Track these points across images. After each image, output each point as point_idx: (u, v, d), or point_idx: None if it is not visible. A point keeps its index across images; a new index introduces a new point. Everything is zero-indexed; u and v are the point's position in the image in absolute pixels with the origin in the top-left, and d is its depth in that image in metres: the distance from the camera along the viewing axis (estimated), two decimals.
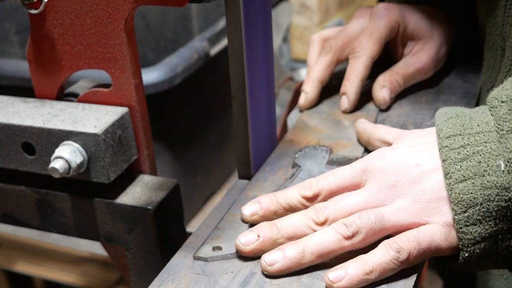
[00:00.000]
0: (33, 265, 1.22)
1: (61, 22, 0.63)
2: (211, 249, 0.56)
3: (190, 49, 1.00)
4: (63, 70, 0.66)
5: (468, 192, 0.50)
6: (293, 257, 0.52)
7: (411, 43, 0.78)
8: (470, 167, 0.50)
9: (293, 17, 2.07)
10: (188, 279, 0.54)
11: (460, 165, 0.50)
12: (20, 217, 0.70)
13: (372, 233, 0.52)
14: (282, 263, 0.52)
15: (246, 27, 0.60)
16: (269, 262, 0.53)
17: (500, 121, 0.51)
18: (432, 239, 0.51)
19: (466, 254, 0.51)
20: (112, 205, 0.65)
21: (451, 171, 0.51)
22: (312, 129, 0.73)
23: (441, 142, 0.52)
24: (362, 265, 0.51)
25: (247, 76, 0.62)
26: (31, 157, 0.64)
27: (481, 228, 0.50)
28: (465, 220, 0.50)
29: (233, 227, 0.59)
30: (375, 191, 0.54)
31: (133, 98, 0.65)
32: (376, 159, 0.56)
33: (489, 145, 0.50)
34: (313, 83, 0.76)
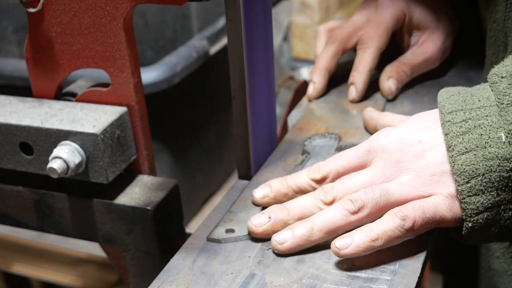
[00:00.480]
0: (31, 266, 1.22)
1: (59, 21, 0.63)
2: (224, 231, 0.59)
3: (190, 48, 1.00)
4: (61, 69, 0.66)
5: (470, 163, 0.52)
6: (302, 235, 0.55)
7: (417, 33, 0.80)
8: (472, 140, 0.52)
9: (293, 15, 2.07)
10: (188, 280, 0.54)
11: (462, 138, 0.52)
12: (18, 218, 0.70)
13: (377, 208, 0.54)
14: (292, 241, 0.55)
15: (246, 25, 0.60)
16: (279, 241, 0.55)
17: (500, 95, 0.53)
18: (436, 208, 0.53)
19: (470, 224, 0.53)
20: (111, 206, 0.65)
21: (453, 144, 0.53)
22: (321, 118, 0.75)
23: (444, 117, 0.54)
24: (368, 233, 0.53)
25: (247, 76, 0.62)
26: (29, 157, 0.64)
27: (483, 198, 0.52)
28: (468, 190, 0.52)
29: (245, 210, 0.61)
30: (380, 169, 0.56)
31: (132, 97, 0.65)
32: (380, 139, 0.58)
33: (490, 118, 0.52)
34: (321, 73, 0.79)
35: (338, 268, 0.54)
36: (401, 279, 0.52)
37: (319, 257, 0.55)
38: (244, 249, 0.57)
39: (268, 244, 0.57)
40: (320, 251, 0.56)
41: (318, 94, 0.79)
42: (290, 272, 0.54)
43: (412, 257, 0.54)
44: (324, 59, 0.78)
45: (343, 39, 0.78)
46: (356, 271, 0.53)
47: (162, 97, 0.95)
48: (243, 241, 0.58)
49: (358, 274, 0.53)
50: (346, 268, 0.54)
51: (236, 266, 0.55)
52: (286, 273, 0.54)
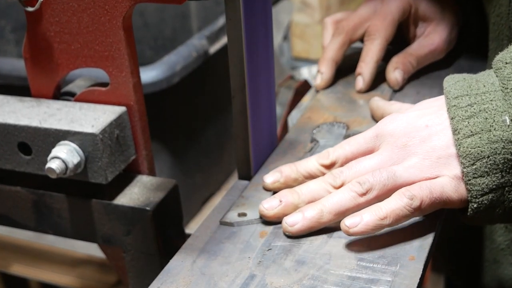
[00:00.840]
0: (29, 267, 1.22)
1: (57, 20, 0.63)
2: (237, 215, 0.61)
3: (189, 47, 1.00)
4: (59, 69, 0.66)
5: (475, 146, 0.53)
6: (312, 217, 0.57)
7: (423, 25, 0.82)
8: (477, 123, 0.54)
9: (293, 14, 2.07)
10: (187, 281, 0.54)
11: (467, 121, 0.54)
12: (16, 218, 0.70)
13: (385, 189, 0.56)
14: (302, 223, 0.57)
15: (246, 25, 0.60)
16: (290, 223, 0.57)
17: (504, 80, 0.55)
18: (443, 189, 0.55)
19: (475, 205, 0.55)
20: (110, 206, 0.65)
21: (459, 127, 0.55)
22: (328, 107, 0.77)
23: (449, 102, 0.56)
24: (377, 211, 0.55)
25: (247, 75, 0.62)
26: (27, 157, 0.64)
27: (488, 179, 0.54)
28: (473, 172, 0.54)
29: (256, 195, 0.63)
30: (388, 153, 0.58)
31: (131, 97, 0.65)
32: (387, 124, 0.60)
33: (495, 102, 0.54)
34: (328, 63, 0.80)
35: (348, 251, 0.55)
36: (402, 280, 0.52)
37: (320, 258, 0.55)
38: (244, 250, 0.57)
39: (268, 245, 0.57)
40: (320, 252, 0.56)
41: (325, 84, 0.81)
42: (291, 273, 0.54)
43: (413, 258, 0.54)
44: (331, 50, 0.80)
45: (350, 31, 0.80)
46: (358, 271, 0.53)
47: (161, 96, 0.95)
48: (254, 224, 0.60)
49: (359, 275, 0.53)
50: (356, 250, 0.55)
51: (236, 267, 0.55)
52: (287, 274, 0.54)
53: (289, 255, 0.56)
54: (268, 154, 0.70)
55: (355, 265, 0.54)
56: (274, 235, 0.58)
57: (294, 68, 2.11)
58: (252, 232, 0.59)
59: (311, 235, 0.58)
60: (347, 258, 0.55)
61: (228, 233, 0.59)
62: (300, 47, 2.11)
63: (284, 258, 0.56)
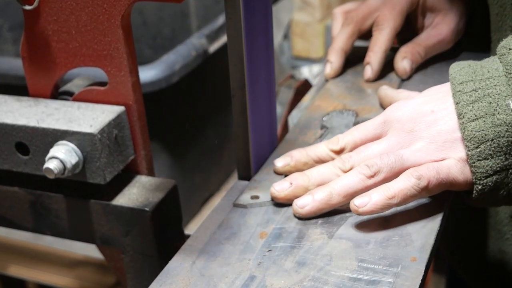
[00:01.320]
0: (27, 268, 1.22)
1: (55, 19, 0.63)
2: (249, 198, 0.63)
3: (188, 46, 1.00)
4: (57, 68, 0.66)
5: (480, 130, 0.55)
6: (321, 199, 0.59)
7: (431, 15, 0.83)
8: (482, 107, 0.56)
9: (294, 13, 2.07)
10: (187, 283, 0.54)
11: (472, 106, 0.56)
12: (14, 219, 0.70)
13: (392, 172, 0.58)
14: (312, 205, 0.59)
15: (246, 23, 0.60)
16: (300, 205, 0.59)
17: (508, 66, 0.56)
18: (449, 170, 0.57)
19: (479, 187, 0.57)
20: (108, 207, 0.65)
21: (464, 111, 0.56)
22: (338, 96, 0.79)
23: (455, 88, 0.58)
24: (385, 191, 0.57)
25: (247, 74, 0.62)
26: (25, 158, 0.64)
27: (492, 162, 0.56)
28: (477, 155, 0.56)
29: (268, 179, 0.65)
30: (395, 138, 0.60)
31: (129, 96, 0.65)
32: (394, 111, 0.62)
33: (499, 87, 0.56)
34: (337, 53, 0.82)
35: (349, 252, 0.56)
36: (404, 281, 0.52)
37: (320, 259, 0.55)
38: (244, 251, 0.57)
39: (268, 246, 0.57)
40: (321, 253, 0.56)
41: (335, 73, 0.83)
42: (291, 274, 0.54)
43: (415, 259, 0.54)
44: (340, 40, 0.82)
45: (359, 21, 0.82)
46: (359, 273, 0.53)
47: (160, 96, 0.95)
48: (266, 206, 0.61)
49: (360, 276, 0.53)
50: (357, 251, 0.56)
51: (235, 268, 0.55)
52: (287, 276, 0.54)
53: (289, 256, 0.56)
54: (268, 154, 0.69)
55: (356, 266, 0.54)
56: (274, 236, 0.58)
57: (294, 67, 2.11)
58: (252, 233, 0.59)
59: (311, 236, 0.58)
60: (348, 259, 0.55)
61: (228, 234, 0.59)
62: (301, 46, 2.11)
63: (284, 259, 0.56)
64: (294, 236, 0.58)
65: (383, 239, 0.57)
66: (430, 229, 0.57)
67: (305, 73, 2.10)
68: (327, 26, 2.07)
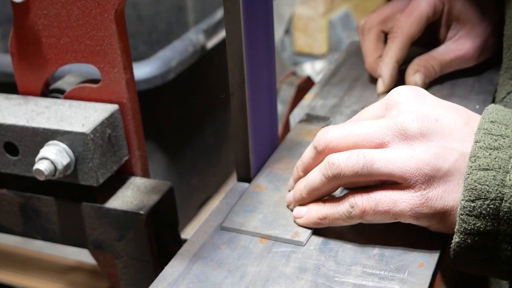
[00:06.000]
0: (16, 274, 1.23)
1: (46, 13, 0.63)
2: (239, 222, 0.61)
3: (185, 41, 1.00)
4: (48, 65, 0.66)
5: (484, 183, 0.50)
6: (296, 198, 0.60)
7: (456, 26, 0.78)
8: (498, 159, 0.51)
9: (296, 7, 2.07)
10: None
11: (490, 152, 0.51)
12: (2, 223, 0.70)
13: (357, 176, 0.55)
14: (293, 205, 0.61)
15: (245, 18, 0.60)
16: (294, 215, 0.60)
17: None
18: (395, 205, 0.54)
19: (457, 239, 0.52)
20: (101, 210, 0.65)
21: (478, 155, 0.51)
22: None
23: (482, 124, 0.53)
24: (320, 210, 0.58)
25: (247, 71, 0.62)
26: (14, 158, 0.64)
27: (481, 223, 0.51)
28: (470, 209, 0.51)
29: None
30: (384, 128, 0.55)
31: (123, 94, 0.65)
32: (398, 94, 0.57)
33: None
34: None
35: (354, 257, 0.56)
36: (411, 287, 0.52)
37: (323, 265, 0.55)
38: (243, 256, 0.57)
39: (268, 251, 0.57)
40: (324, 258, 0.56)
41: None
42: (293, 280, 0.54)
43: (422, 264, 0.54)
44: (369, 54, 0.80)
45: (380, 23, 0.79)
46: (364, 279, 0.53)
47: (156, 94, 0.95)
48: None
49: (365, 282, 0.53)
50: (362, 256, 0.56)
51: (234, 273, 0.55)
52: (289, 282, 0.54)
53: (291, 261, 0.56)
54: (269, 155, 0.70)
55: (361, 272, 0.54)
56: (274, 240, 0.58)
57: (296, 63, 2.12)
58: (251, 237, 0.59)
59: (313, 241, 0.58)
60: (352, 264, 0.55)
61: (226, 239, 0.59)
62: (303, 42, 2.11)
63: (285, 264, 0.56)
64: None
65: (389, 244, 0.57)
66: (438, 234, 0.57)
67: (307, 70, 2.11)
68: (330, 21, 2.07)
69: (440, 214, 0.54)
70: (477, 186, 0.51)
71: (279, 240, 0.58)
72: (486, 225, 0.51)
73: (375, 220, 0.56)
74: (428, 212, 0.54)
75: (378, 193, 0.55)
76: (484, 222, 0.51)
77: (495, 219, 0.51)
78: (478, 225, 0.51)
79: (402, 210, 0.54)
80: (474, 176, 0.51)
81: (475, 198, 0.51)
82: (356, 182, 0.56)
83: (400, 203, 0.54)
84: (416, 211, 0.54)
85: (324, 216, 0.57)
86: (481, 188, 0.50)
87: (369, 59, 0.79)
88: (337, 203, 0.57)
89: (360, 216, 0.55)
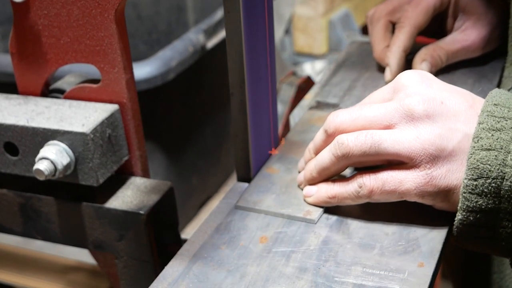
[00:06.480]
0: (16, 274, 1.23)
1: (46, 13, 0.63)
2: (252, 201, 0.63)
3: (185, 41, 1.00)
4: (48, 65, 0.66)
5: (486, 163, 0.53)
6: (307, 178, 0.62)
7: (463, 17, 0.80)
8: (500, 140, 0.53)
9: (296, 7, 2.07)
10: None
11: (492, 133, 0.53)
12: (2, 223, 0.70)
13: (365, 157, 0.57)
14: (304, 184, 0.63)
15: (245, 18, 0.60)
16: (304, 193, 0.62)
17: None
18: (401, 184, 0.56)
19: (460, 217, 0.54)
20: (101, 210, 0.65)
21: (480, 135, 0.53)
22: None
23: (485, 107, 0.55)
24: (329, 189, 0.60)
25: (247, 71, 0.62)
26: (14, 158, 0.64)
27: (483, 200, 0.53)
28: (472, 187, 0.53)
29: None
30: (392, 110, 0.57)
31: (123, 94, 0.65)
32: (405, 78, 0.59)
33: None
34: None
35: (354, 257, 0.56)
36: (411, 287, 0.52)
37: (323, 265, 0.55)
38: (243, 256, 0.57)
39: (268, 251, 0.57)
40: (324, 258, 0.56)
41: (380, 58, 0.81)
42: (293, 280, 0.54)
43: (422, 264, 0.54)
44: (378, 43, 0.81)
45: (387, 14, 0.81)
46: (364, 279, 0.53)
47: (156, 94, 0.95)
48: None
49: (365, 282, 0.53)
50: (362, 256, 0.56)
51: (234, 273, 0.55)
52: (289, 282, 0.54)
53: (291, 261, 0.56)
54: (269, 155, 0.70)
55: (361, 272, 0.54)
56: (274, 240, 0.58)
57: (296, 63, 2.12)
58: (251, 237, 0.59)
59: (313, 241, 0.58)
60: (352, 264, 0.55)
61: (226, 238, 0.59)
62: (303, 42, 2.11)
63: (285, 264, 0.56)
64: (295, 241, 0.58)
65: (389, 244, 0.57)
66: (438, 233, 0.58)
67: (307, 70, 2.11)
68: (330, 21, 2.07)
69: (444, 192, 0.56)
70: (479, 166, 0.53)
71: (292, 218, 0.60)
72: (487, 203, 0.53)
73: (382, 199, 0.58)
74: (432, 191, 0.56)
75: (385, 173, 0.57)
76: (485, 200, 0.53)
77: (496, 197, 0.53)
78: (480, 203, 0.53)
79: (407, 189, 0.56)
80: (477, 156, 0.53)
81: (478, 177, 0.53)
82: (364, 162, 0.58)
83: (406, 182, 0.56)
84: (421, 189, 0.56)
85: (334, 195, 0.59)
86: (483, 167, 0.53)
87: (377, 48, 0.81)
88: (346, 182, 0.59)
89: (368, 195, 0.57)
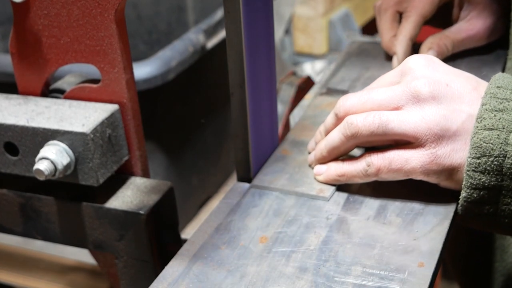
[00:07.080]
0: (16, 274, 1.23)
1: (46, 13, 0.63)
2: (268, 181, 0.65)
3: (185, 41, 1.00)
4: (48, 65, 0.66)
5: (489, 142, 0.55)
6: (316, 157, 0.65)
7: (469, 7, 0.82)
8: (503, 120, 0.55)
9: (296, 7, 2.07)
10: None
11: (495, 114, 0.56)
12: (2, 223, 0.70)
13: (373, 137, 0.60)
14: (315, 163, 0.66)
15: (245, 18, 0.60)
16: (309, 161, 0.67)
17: None
18: (407, 162, 0.59)
19: (464, 194, 0.57)
20: (101, 210, 0.65)
21: (483, 116, 0.56)
22: None
23: (489, 89, 0.57)
24: (338, 168, 0.63)
25: (247, 71, 0.62)
26: (14, 158, 0.64)
27: (486, 177, 0.55)
28: (475, 165, 0.55)
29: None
30: (399, 93, 0.59)
31: (123, 94, 0.65)
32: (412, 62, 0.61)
33: None
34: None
35: (354, 257, 0.56)
36: (411, 287, 0.52)
37: (323, 265, 0.55)
38: (243, 256, 0.57)
39: (268, 250, 0.57)
40: (324, 258, 0.56)
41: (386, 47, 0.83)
42: (293, 280, 0.54)
43: (422, 264, 0.54)
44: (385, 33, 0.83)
45: (395, 3, 0.82)
46: (364, 279, 0.53)
47: (156, 94, 0.95)
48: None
49: (365, 282, 0.53)
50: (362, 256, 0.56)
51: (234, 273, 0.55)
52: (289, 282, 0.54)
53: (291, 261, 0.56)
54: (269, 155, 0.70)
55: (361, 272, 0.54)
56: (274, 240, 0.58)
57: (296, 63, 2.11)
58: (251, 237, 0.59)
59: (313, 240, 0.58)
60: (352, 264, 0.55)
61: (226, 238, 0.59)
62: (303, 42, 2.11)
63: (285, 264, 0.56)
64: (295, 241, 0.58)
65: (389, 243, 0.57)
66: (438, 233, 0.58)
67: (307, 70, 2.10)
68: (330, 21, 2.07)
69: (448, 170, 0.58)
70: (482, 145, 0.55)
71: (306, 196, 0.63)
72: (490, 180, 0.55)
73: (389, 178, 0.60)
74: (437, 169, 0.58)
75: (392, 152, 0.59)
76: (488, 177, 0.55)
77: (498, 175, 0.55)
78: (483, 180, 0.55)
79: (413, 167, 0.58)
80: (480, 135, 0.55)
81: (481, 155, 0.55)
82: (372, 141, 0.61)
83: (411, 161, 0.58)
84: (426, 168, 0.58)
85: (343, 174, 0.62)
86: (486, 146, 0.55)
87: (385, 37, 0.83)
88: (354, 161, 0.62)
89: (375, 173, 0.60)
